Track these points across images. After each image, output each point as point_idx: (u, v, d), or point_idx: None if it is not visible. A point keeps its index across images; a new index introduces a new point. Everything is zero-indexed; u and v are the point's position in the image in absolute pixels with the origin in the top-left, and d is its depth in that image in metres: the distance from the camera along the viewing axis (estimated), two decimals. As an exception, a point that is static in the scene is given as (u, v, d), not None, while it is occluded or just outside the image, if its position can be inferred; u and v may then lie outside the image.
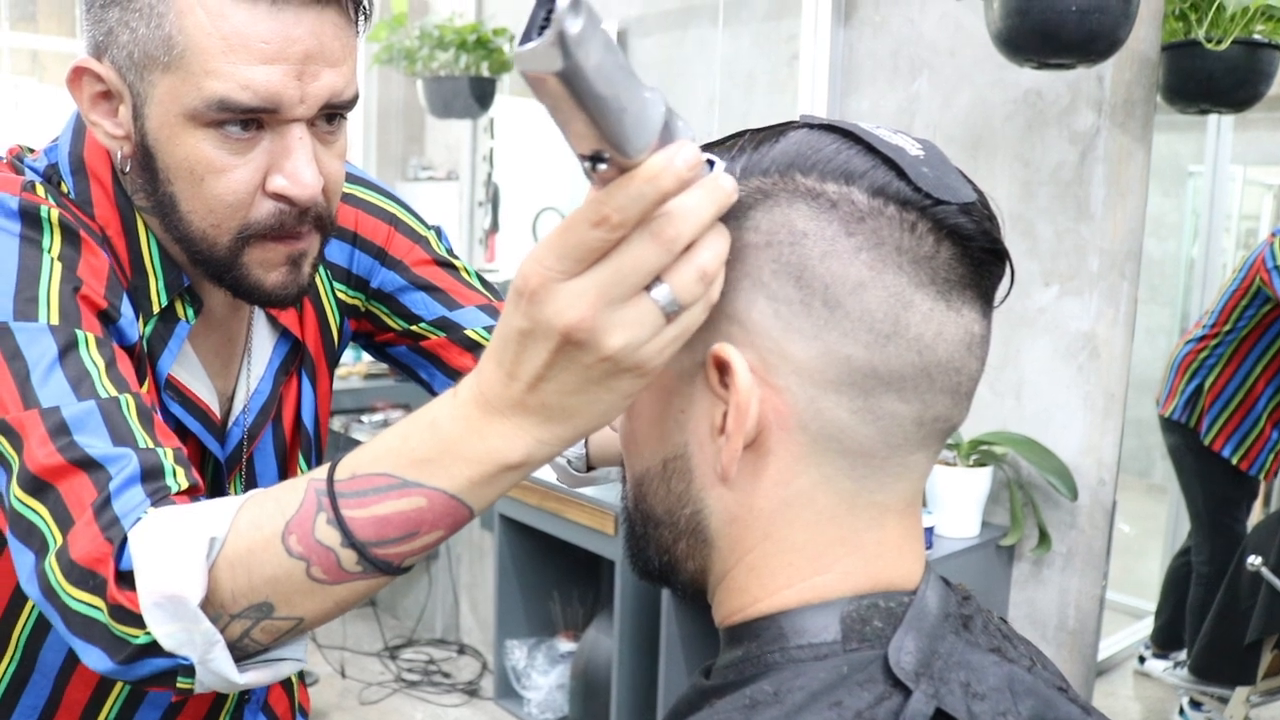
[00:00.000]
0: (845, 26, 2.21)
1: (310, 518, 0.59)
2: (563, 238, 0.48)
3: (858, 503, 0.56)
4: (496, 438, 0.55)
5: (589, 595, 2.84)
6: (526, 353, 0.51)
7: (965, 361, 0.55)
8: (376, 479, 0.58)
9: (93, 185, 0.81)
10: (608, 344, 0.49)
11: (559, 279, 0.49)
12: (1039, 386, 1.98)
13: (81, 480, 0.64)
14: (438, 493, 0.57)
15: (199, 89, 0.72)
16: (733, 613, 0.58)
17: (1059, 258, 1.92)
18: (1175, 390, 2.86)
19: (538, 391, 0.52)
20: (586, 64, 0.41)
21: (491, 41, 2.94)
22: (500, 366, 0.53)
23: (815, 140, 0.54)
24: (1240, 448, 2.77)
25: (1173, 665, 3.04)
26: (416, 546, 0.59)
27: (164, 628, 0.60)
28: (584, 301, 0.49)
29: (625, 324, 0.49)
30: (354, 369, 3.25)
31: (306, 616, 0.62)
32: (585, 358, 0.50)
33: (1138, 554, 3.59)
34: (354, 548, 0.58)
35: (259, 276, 0.79)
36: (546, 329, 0.50)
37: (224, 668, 0.62)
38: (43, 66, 3.62)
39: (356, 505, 0.58)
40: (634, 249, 0.48)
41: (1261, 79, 1.77)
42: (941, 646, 0.53)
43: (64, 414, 0.66)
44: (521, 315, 0.50)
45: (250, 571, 0.60)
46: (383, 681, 3.17)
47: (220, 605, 0.61)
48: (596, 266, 0.48)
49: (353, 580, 0.60)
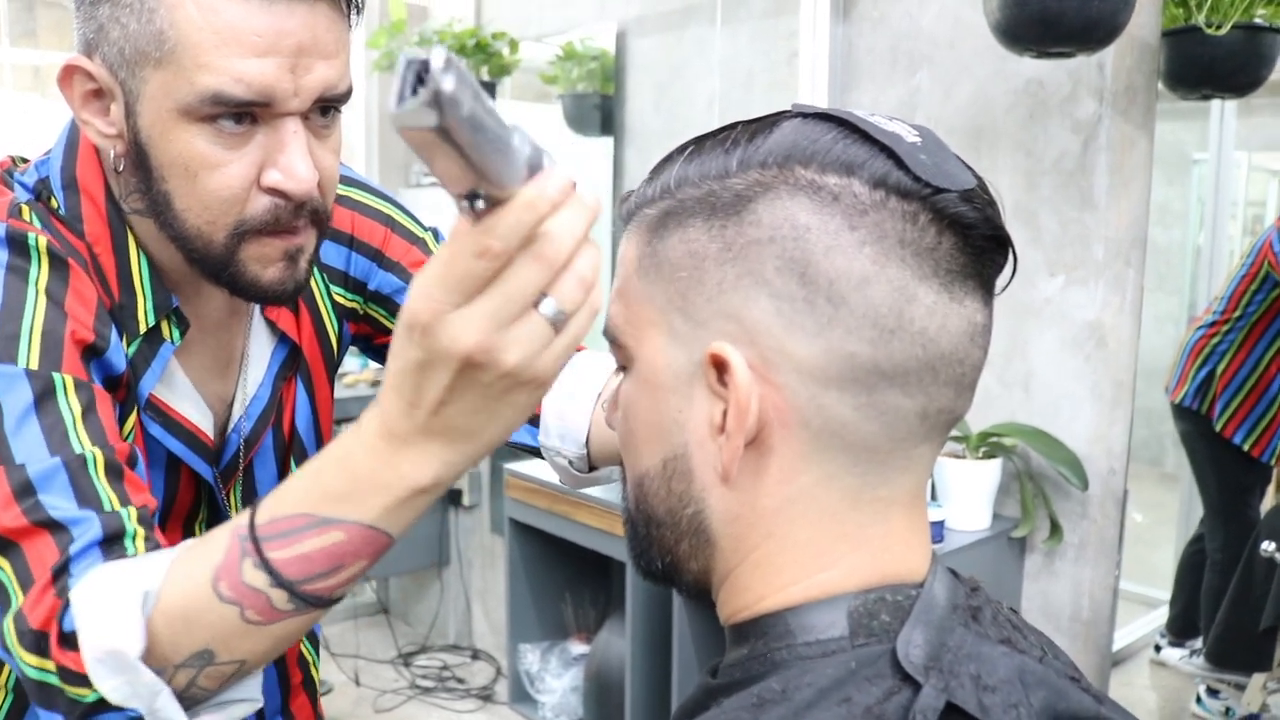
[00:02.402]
0: (844, 22, 2.21)
1: (236, 563, 0.60)
2: (447, 270, 0.50)
3: (862, 498, 0.55)
4: (406, 464, 0.57)
5: (600, 597, 2.83)
6: (426, 381, 0.53)
7: (969, 352, 0.54)
8: (294, 519, 0.59)
9: (84, 201, 0.81)
10: (505, 361, 0.52)
11: (448, 309, 0.51)
12: (1047, 377, 1.97)
13: (45, 541, 0.65)
14: (355, 525, 0.59)
15: (191, 83, 0.71)
16: (738, 611, 0.58)
17: (1064, 248, 1.91)
18: (1186, 376, 2.85)
19: (441, 416, 0.55)
20: (460, 115, 0.43)
21: (490, 46, 2.94)
22: (401, 397, 0.55)
23: (811, 130, 0.54)
24: (1252, 434, 2.76)
25: (1189, 654, 3.03)
26: (343, 578, 0.61)
27: (108, 683, 0.61)
28: (477, 327, 0.51)
29: (519, 340, 0.52)
30: (360, 376, 3.25)
31: (248, 658, 0.64)
32: (485, 377, 0.52)
33: (1150, 543, 3.58)
34: (283, 587, 0.60)
35: (255, 273, 0.78)
36: (444, 356, 0.52)
37: (173, 715, 0.63)
38: (44, 82, 3.62)
39: (280, 546, 0.59)
40: (520, 272, 0.51)
41: (1263, 63, 1.76)
42: (950, 639, 0.53)
43: (29, 473, 0.67)
44: (416, 347, 0.53)
45: (188, 621, 0.61)
46: (397, 689, 3.17)
47: (163, 657, 0.62)
48: (485, 293, 0.51)
49: (286, 618, 0.61)
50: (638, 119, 2.80)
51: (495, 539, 3.23)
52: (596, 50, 2.88)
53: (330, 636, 3.40)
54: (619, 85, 2.82)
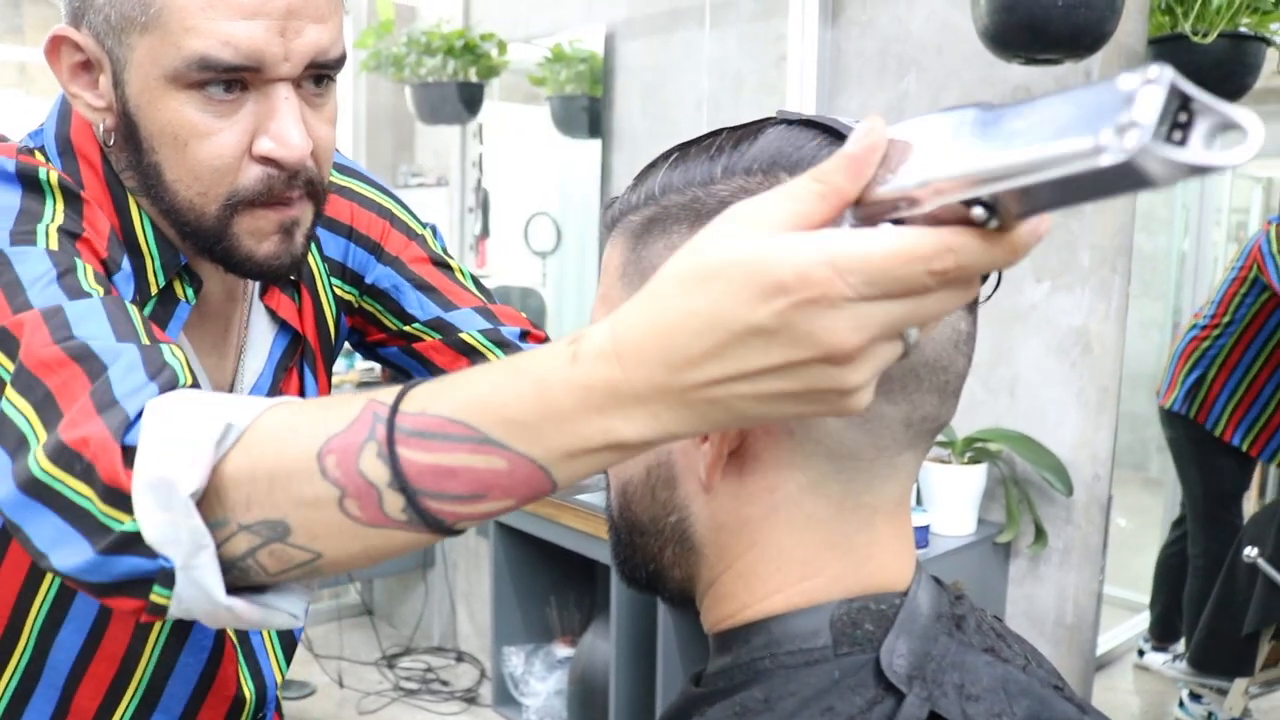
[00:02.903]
0: (833, 26, 2.21)
1: (358, 444, 0.50)
2: (887, 266, 0.41)
3: (846, 505, 0.55)
4: (620, 420, 0.46)
5: (585, 600, 2.83)
6: (745, 350, 0.43)
7: (953, 359, 0.54)
8: (451, 425, 0.49)
9: (82, 166, 0.79)
10: (856, 376, 0.43)
11: (853, 299, 0.42)
12: (1032, 383, 1.98)
13: (75, 373, 0.59)
14: (524, 459, 0.48)
15: (179, 48, 0.69)
16: (722, 619, 0.57)
17: (1050, 254, 1.92)
18: (1176, 381, 2.87)
19: (720, 389, 0.44)
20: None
21: (479, 47, 2.94)
22: (674, 350, 0.44)
23: (795, 137, 0.53)
24: (1249, 435, 2.78)
25: (1172, 658, 3.04)
26: (480, 511, 0.50)
27: (152, 516, 0.53)
28: (866, 331, 0.42)
29: (877, 358, 0.44)
30: (345, 377, 3.24)
31: (326, 554, 0.53)
32: (820, 380, 0.43)
33: (1134, 548, 3.59)
34: (403, 492, 0.49)
35: (250, 247, 0.77)
36: (805, 340, 0.42)
37: (208, 579, 0.53)
38: (30, 79, 3.60)
39: (419, 447, 0.49)
40: (937, 299, 0.43)
41: (1248, 71, 1.77)
42: (934, 648, 0.53)
43: (66, 313, 0.62)
44: (772, 314, 0.42)
45: (273, 481, 0.52)
46: (381, 690, 3.16)
47: (231, 509, 0.53)
48: (895, 300, 0.42)
49: (391, 528, 0.51)
50: (626, 121, 2.80)
51: (480, 541, 3.23)
52: (585, 52, 2.87)
53: (314, 638, 3.39)
54: (607, 87, 2.82)
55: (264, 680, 0.95)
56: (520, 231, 3.25)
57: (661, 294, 0.44)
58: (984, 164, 0.39)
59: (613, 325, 0.46)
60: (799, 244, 0.42)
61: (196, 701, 0.91)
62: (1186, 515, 2.97)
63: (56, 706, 0.86)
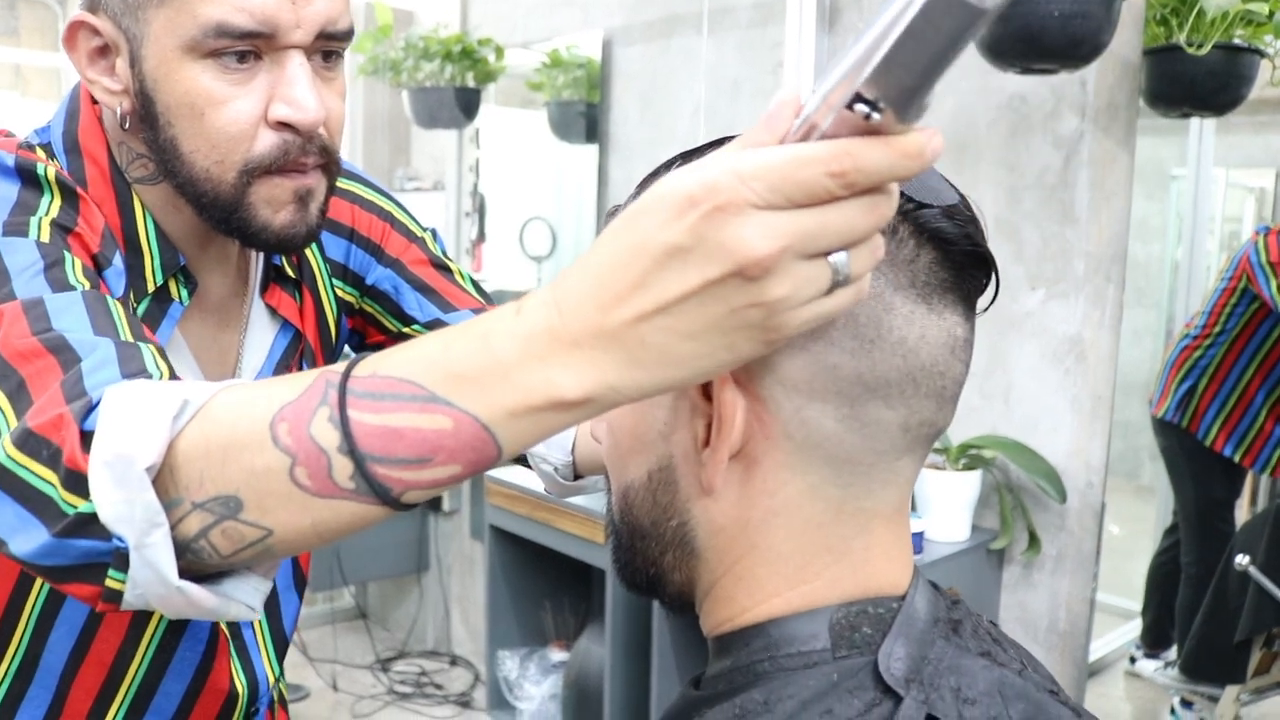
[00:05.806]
0: (830, 33, 2.22)
1: (310, 409, 0.50)
2: (786, 170, 0.42)
3: (845, 510, 0.56)
4: (560, 368, 0.46)
5: (580, 604, 2.83)
6: (665, 273, 0.44)
7: (949, 365, 0.55)
8: (400, 385, 0.49)
9: (87, 164, 0.81)
10: (774, 290, 0.44)
11: (759, 205, 0.43)
12: (1026, 390, 1.98)
13: (50, 364, 0.60)
14: (467, 417, 0.48)
15: (194, 16, 0.72)
16: (721, 623, 0.58)
17: (1044, 262, 1.93)
18: (1168, 391, 2.88)
19: (648, 324, 0.45)
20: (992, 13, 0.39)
21: (476, 52, 2.94)
22: (603, 287, 0.45)
23: None
24: (1240, 446, 2.79)
25: (1163, 665, 3.05)
26: (425, 478, 0.50)
27: (108, 494, 0.52)
28: (776, 239, 0.43)
29: (797, 276, 0.44)
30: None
31: (276, 529, 0.53)
32: (739, 298, 0.44)
33: (1127, 555, 3.60)
34: (352, 456, 0.50)
35: (267, 217, 0.78)
36: (717, 252, 0.43)
37: (160, 558, 0.53)
38: (25, 81, 3.60)
39: (369, 409, 0.49)
40: (849, 212, 0.44)
41: (1242, 82, 1.78)
42: (931, 652, 0.54)
43: (47, 305, 0.64)
44: (685, 229, 0.43)
45: (226, 454, 0.52)
46: (375, 694, 3.16)
47: (185, 488, 0.53)
48: (807, 210, 0.43)
49: (339, 498, 0.51)
50: (622, 127, 2.80)
51: (475, 545, 3.22)
52: (582, 58, 2.88)
53: (308, 641, 3.39)
54: (604, 93, 2.82)
55: (255, 675, 0.96)
56: (516, 236, 3.25)
57: (599, 241, 0.47)
58: (846, 62, 0.42)
59: (557, 279, 0.48)
60: (707, 163, 0.44)
61: (191, 697, 0.91)
62: (1179, 523, 2.98)
63: (50, 706, 0.87)
